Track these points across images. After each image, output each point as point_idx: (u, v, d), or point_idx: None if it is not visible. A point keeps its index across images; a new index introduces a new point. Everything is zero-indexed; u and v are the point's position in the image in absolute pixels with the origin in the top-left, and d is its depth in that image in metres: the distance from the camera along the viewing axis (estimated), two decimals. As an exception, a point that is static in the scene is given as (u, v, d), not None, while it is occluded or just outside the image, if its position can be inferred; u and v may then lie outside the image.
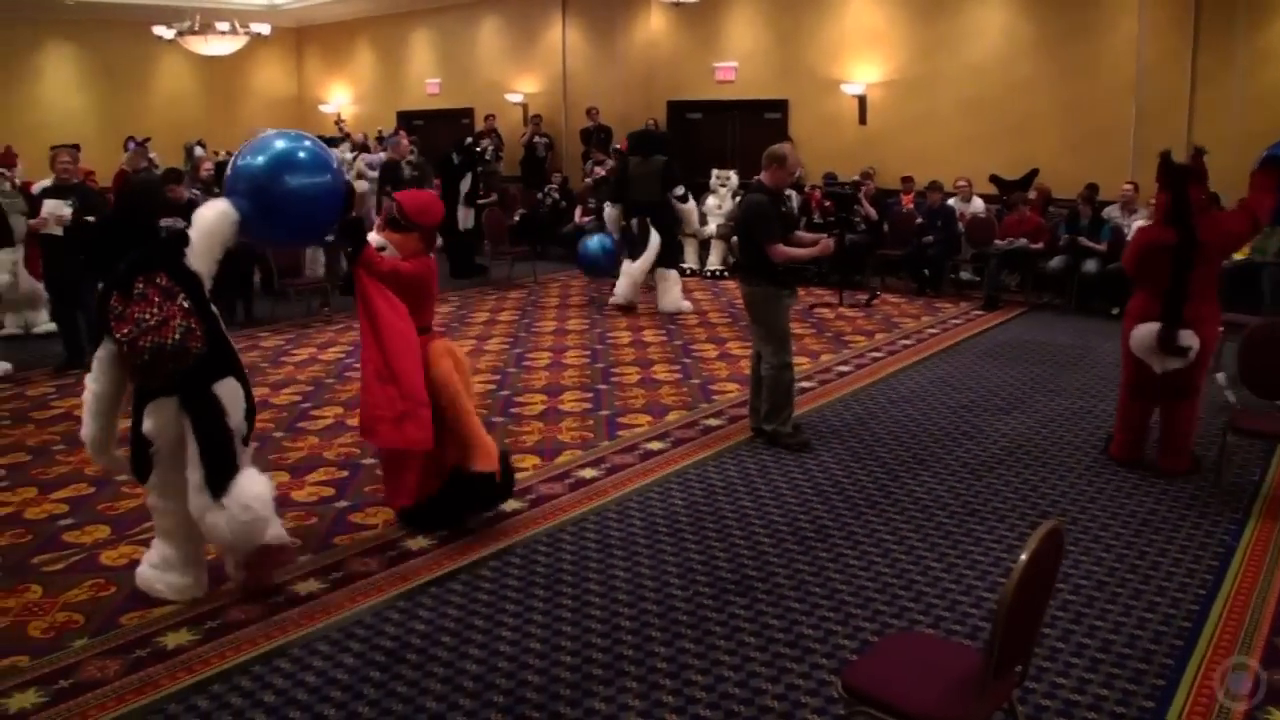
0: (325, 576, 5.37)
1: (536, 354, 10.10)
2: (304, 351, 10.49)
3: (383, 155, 15.34)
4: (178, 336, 4.77)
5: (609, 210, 12.51)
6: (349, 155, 14.57)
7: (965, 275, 13.35)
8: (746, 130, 16.71)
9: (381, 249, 5.78)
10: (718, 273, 14.34)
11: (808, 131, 15.81)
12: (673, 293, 12.19)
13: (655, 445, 7.35)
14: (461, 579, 5.32)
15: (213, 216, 5.06)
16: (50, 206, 9.44)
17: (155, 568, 5.22)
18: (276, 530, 5.15)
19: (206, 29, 18.03)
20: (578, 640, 4.66)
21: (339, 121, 21.30)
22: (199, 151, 14.20)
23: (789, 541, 5.68)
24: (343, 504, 6.37)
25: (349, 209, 5.82)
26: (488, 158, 16.01)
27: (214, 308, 5.06)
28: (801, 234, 7.69)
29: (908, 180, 14.05)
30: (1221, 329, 7.02)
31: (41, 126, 18.88)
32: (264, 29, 18.77)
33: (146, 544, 5.69)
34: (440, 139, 17.87)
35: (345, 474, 6.90)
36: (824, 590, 5.09)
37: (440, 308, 12.39)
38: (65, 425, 8.09)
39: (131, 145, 13.76)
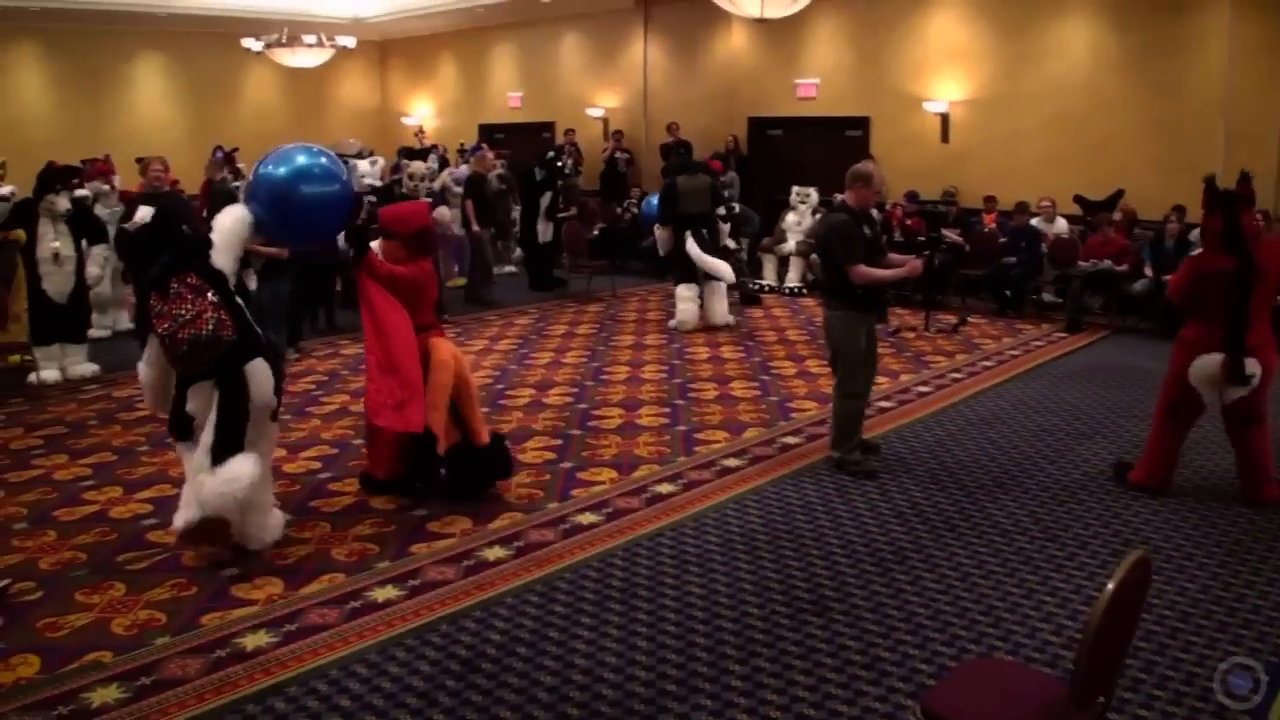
0: (403, 584, 5.44)
1: (614, 368, 10.14)
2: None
3: (465, 169, 15.48)
4: (211, 328, 5.45)
5: (659, 231, 12.54)
6: (434, 167, 14.69)
7: (1047, 297, 13.18)
8: (827, 147, 16.65)
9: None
10: (796, 289, 14.29)
11: (889, 149, 15.71)
12: (722, 306, 12.33)
13: (732, 462, 7.34)
14: (538, 590, 5.36)
15: (230, 221, 5.79)
16: (142, 213, 9.65)
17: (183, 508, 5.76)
18: (277, 518, 6.02)
19: (294, 41, 18.40)
20: (652, 655, 4.66)
21: (419, 133, 21.57)
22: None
23: (866, 563, 5.65)
24: (421, 513, 6.43)
25: (355, 216, 6.55)
26: (568, 172, 16.09)
27: (239, 299, 5.72)
28: (894, 256, 7.35)
29: (990, 199, 13.92)
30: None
31: (132, 135, 19.37)
32: (349, 42, 19.10)
33: (229, 547, 5.83)
34: (521, 152, 18.01)
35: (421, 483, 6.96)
36: (901, 613, 5.04)
37: (518, 319, 12.52)
38: (151, 426, 8.29)
39: (219, 154, 14.01)
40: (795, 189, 14.92)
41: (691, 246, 11.94)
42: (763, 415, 8.49)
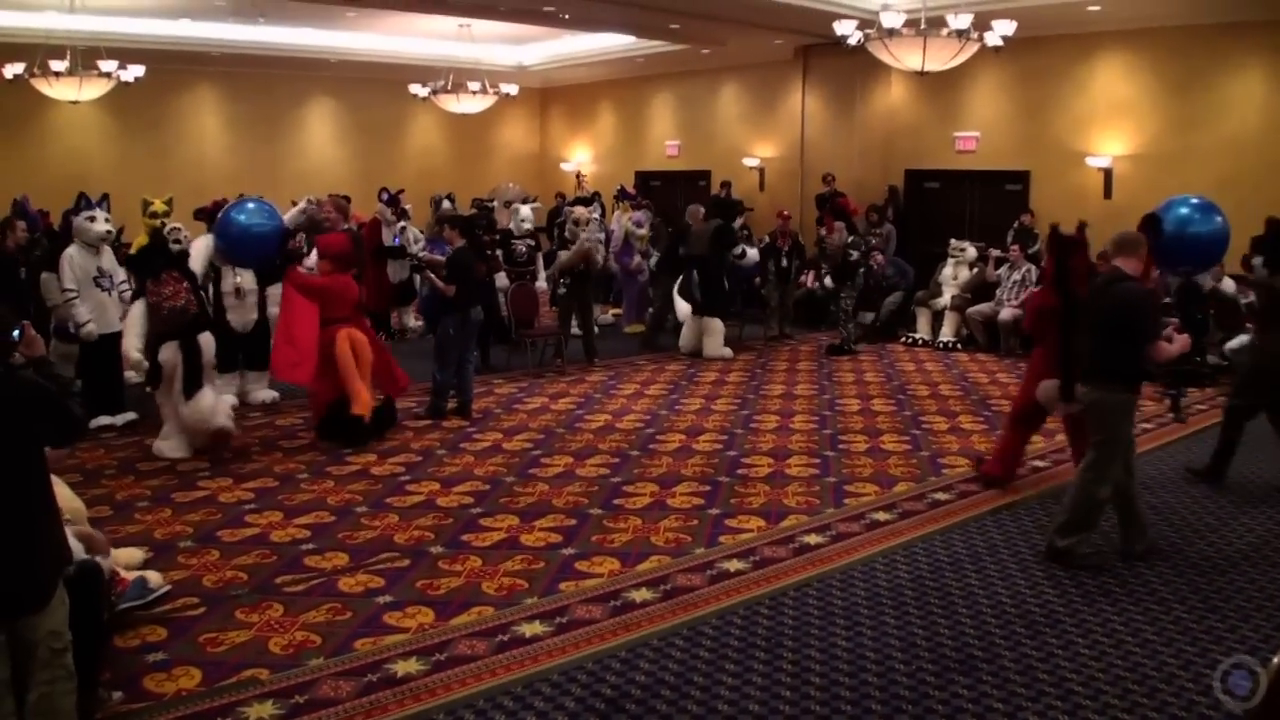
0: (550, 620, 5.54)
1: (764, 416, 10.15)
2: (537, 400, 10.81)
3: (644, 215, 15.78)
4: (181, 302, 8.50)
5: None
6: (596, 214, 14.89)
7: (1214, 359, 12.76)
8: (985, 201, 16.48)
9: (311, 269, 9.79)
10: (951, 344, 14.10)
11: (1049, 204, 15.47)
12: (716, 341, 13.34)
13: (882, 515, 7.30)
14: (684, 634, 5.40)
15: (201, 244, 9.57)
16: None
17: (162, 439, 8.69)
18: (226, 421, 8.74)
19: (458, 88, 18.95)
20: (796, 705, 4.66)
21: (579, 177, 21.95)
22: (445, 205, 14.82)
23: (1016, 624, 5.55)
24: (570, 551, 6.55)
25: (287, 244, 9.90)
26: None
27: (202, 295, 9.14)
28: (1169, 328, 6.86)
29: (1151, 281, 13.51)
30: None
31: (304, 176, 20.19)
32: (512, 89, 19.56)
33: (382, 574, 6.12)
34: (677, 199, 18.22)
35: (573, 522, 7.09)
36: (1052, 677, 4.94)
37: (670, 365, 12.60)
38: (311, 455, 8.68)
39: (384, 196, 14.48)
40: (952, 242, 14.80)
41: (679, 284, 13.44)
42: (914, 470, 8.42)
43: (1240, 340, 11.63)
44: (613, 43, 20.12)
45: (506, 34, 19.87)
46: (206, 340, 8.74)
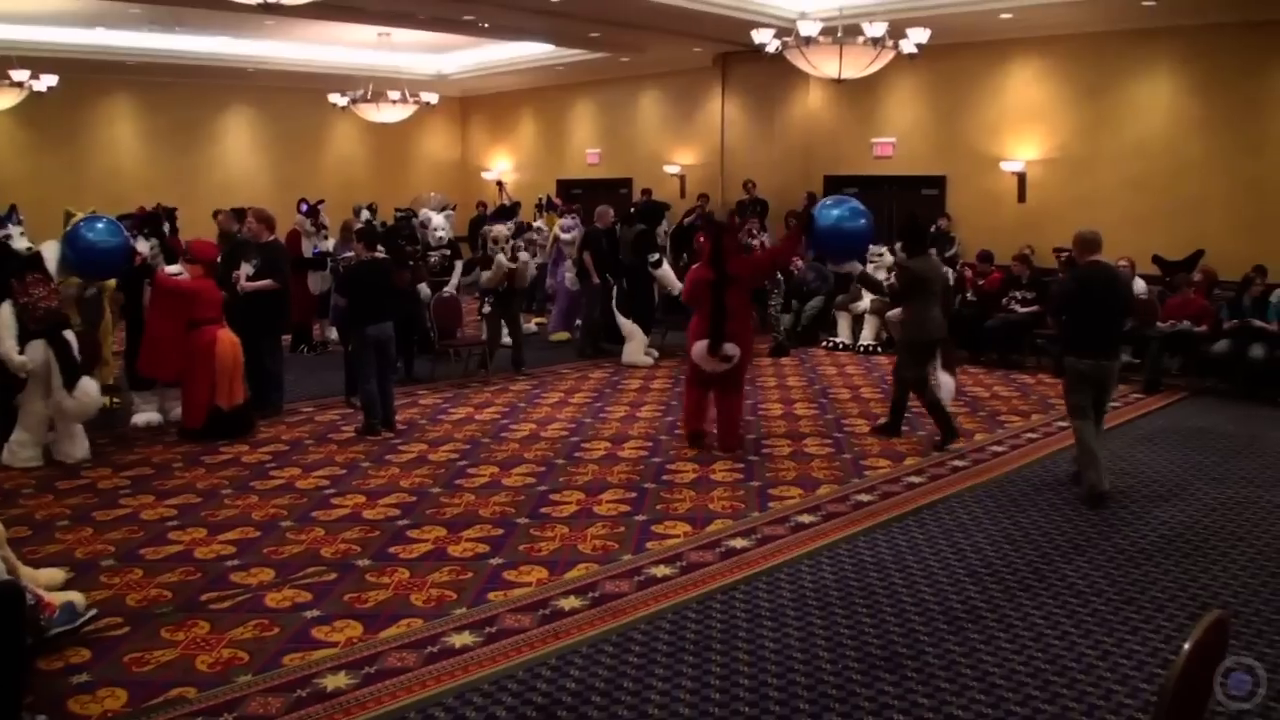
0: (479, 630, 5.53)
1: (688, 422, 10.21)
2: (461, 411, 10.79)
3: (572, 220, 15.75)
4: (56, 303, 8.70)
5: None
6: (512, 229, 14.77)
7: (1125, 357, 13.04)
8: (903, 206, 16.69)
9: (178, 274, 9.68)
10: (871, 348, 14.27)
11: (965, 208, 15.79)
12: (635, 347, 13.49)
13: (806, 518, 7.37)
14: (613, 640, 5.43)
15: (50, 252, 9.19)
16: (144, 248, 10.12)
17: (16, 445, 8.59)
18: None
19: (378, 97, 18.85)
20: (725, 708, 4.71)
21: (500, 185, 21.91)
22: (364, 215, 14.69)
23: (939, 620, 5.66)
24: (497, 560, 6.54)
25: (133, 259, 9.69)
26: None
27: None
28: None
29: (1065, 257, 13.82)
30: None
31: (222, 186, 19.98)
32: (432, 98, 19.50)
33: (310, 589, 6.06)
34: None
35: (501, 532, 7.08)
36: (975, 671, 5.05)
37: (594, 373, 12.58)
38: (233, 470, 8.57)
39: (304, 207, 14.33)
40: (870, 248, 14.93)
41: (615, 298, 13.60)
42: (836, 472, 8.53)
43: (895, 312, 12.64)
44: (533, 51, 20.14)
45: (426, 43, 19.83)
46: (71, 336, 8.79)
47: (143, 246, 9.94)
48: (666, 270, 13.31)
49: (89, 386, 8.72)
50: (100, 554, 6.68)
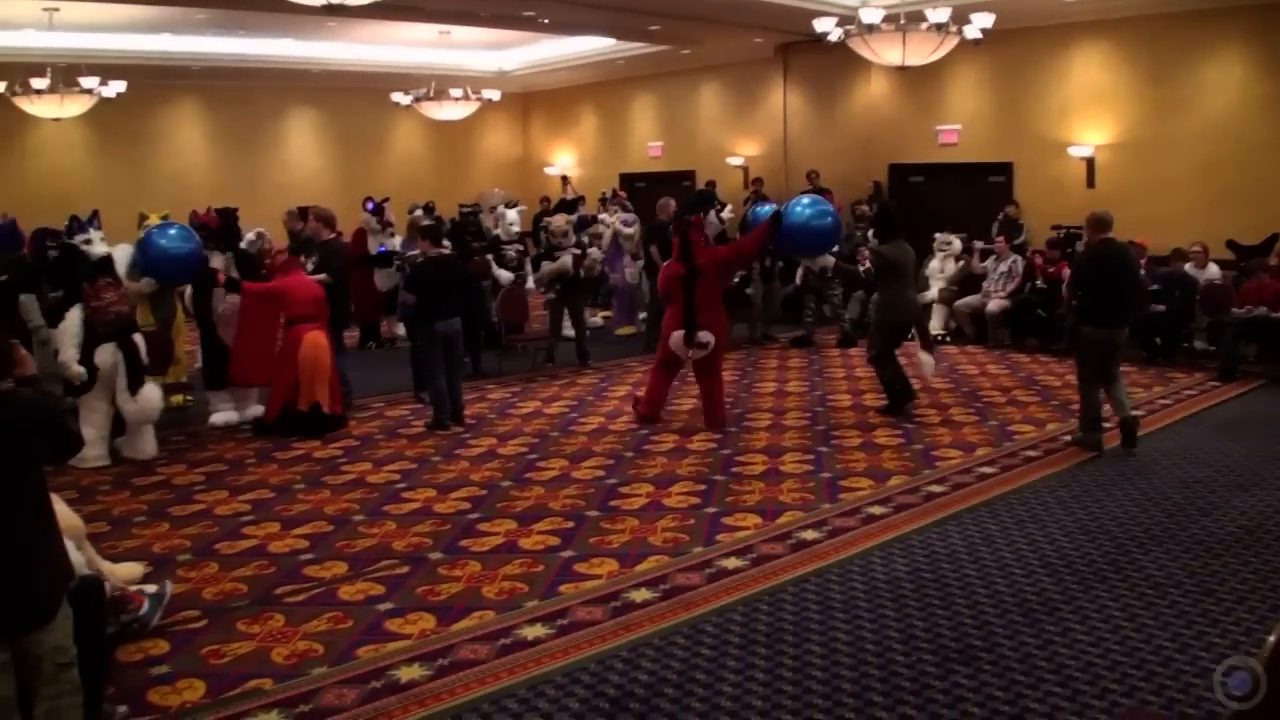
0: (551, 623, 5.56)
1: (756, 414, 10.22)
2: (529, 405, 10.84)
3: (631, 215, 15.67)
4: (126, 307, 8.90)
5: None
6: (573, 221, 14.78)
7: (1199, 345, 12.84)
8: (969, 194, 16.55)
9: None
10: (940, 337, 14.10)
11: (1033, 195, 15.61)
12: None
13: (877, 510, 7.33)
14: (685, 632, 5.44)
15: (121, 256, 9.38)
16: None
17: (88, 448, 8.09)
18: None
19: (440, 95, 18.96)
20: (799, 700, 4.70)
21: (566, 180, 21.98)
22: (418, 213, 14.80)
23: (1014, 613, 5.60)
24: (568, 553, 6.57)
25: (206, 265, 9.80)
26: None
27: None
28: None
29: (1137, 246, 13.56)
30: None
31: (286, 186, 20.21)
32: (494, 95, 19.59)
33: (382, 582, 6.15)
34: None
35: (571, 524, 7.11)
36: (1051, 665, 4.99)
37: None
38: (305, 466, 8.69)
39: (369, 205, 14.47)
40: (938, 236, 14.83)
41: None
42: (907, 464, 8.46)
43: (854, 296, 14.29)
44: (593, 46, 20.17)
45: (487, 40, 19.92)
46: (140, 339, 8.93)
47: (218, 261, 10.02)
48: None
49: (151, 392, 8.87)
50: (177, 549, 6.81)
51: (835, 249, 12.38)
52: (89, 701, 4.12)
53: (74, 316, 8.57)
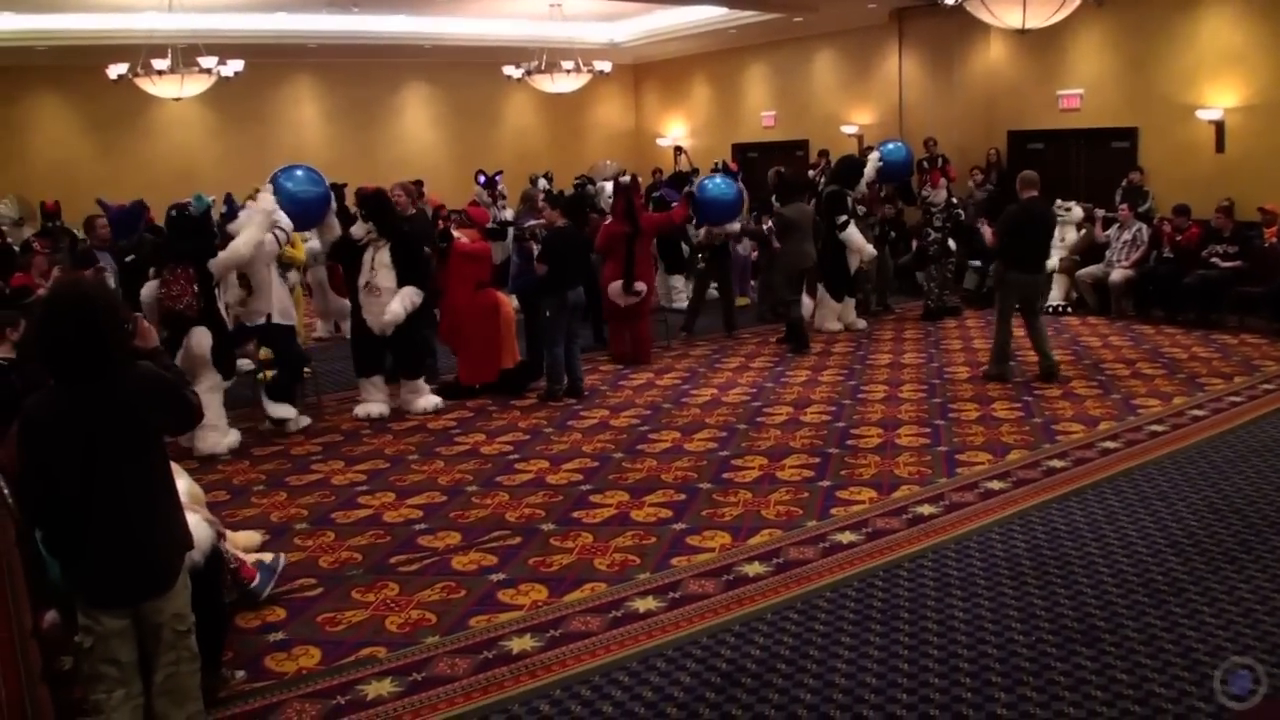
0: (663, 596, 5.56)
1: (871, 387, 10.05)
2: (642, 376, 10.84)
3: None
4: (182, 306, 8.19)
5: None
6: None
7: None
8: (1092, 160, 16.10)
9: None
10: (1061, 308, 13.76)
11: (1158, 161, 15.10)
12: (827, 313, 13.25)
13: (996, 484, 7.17)
14: (798, 607, 5.39)
15: (255, 221, 8.79)
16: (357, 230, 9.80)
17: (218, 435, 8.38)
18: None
19: (552, 68, 18.97)
20: (914, 679, 4.62)
21: (680, 151, 21.87)
22: (541, 183, 14.85)
23: (1139, 593, 5.42)
24: (680, 526, 6.55)
25: (329, 205, 9.89)
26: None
27: None
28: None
29: (1268, 213, 13.01)
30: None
31: (402, 161, 20.37)
32: (605, 67, 19.53)
33: (495, 552, 6.23)
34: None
35: (683, 497, 7.09)
36: (1178, 648, 4.82)
37: (773, 338, 12.49)
38: (419, 437, 8.81)
39: (482, 178, 14.56)
40: (1058, 203, 14.41)
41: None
42: (1027, 438, 8.26)
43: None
44: (704, 15, 19.96)
45: (598, 11, 19.85)
46: (199, 338, 8.24)
47: (359, 230, 9.54)
48: (852, 232, 12.75)
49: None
50: (294, 518, 6.96)
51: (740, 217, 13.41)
52: (207, 667, 4.21)
53: (149, 291, 8.46)
